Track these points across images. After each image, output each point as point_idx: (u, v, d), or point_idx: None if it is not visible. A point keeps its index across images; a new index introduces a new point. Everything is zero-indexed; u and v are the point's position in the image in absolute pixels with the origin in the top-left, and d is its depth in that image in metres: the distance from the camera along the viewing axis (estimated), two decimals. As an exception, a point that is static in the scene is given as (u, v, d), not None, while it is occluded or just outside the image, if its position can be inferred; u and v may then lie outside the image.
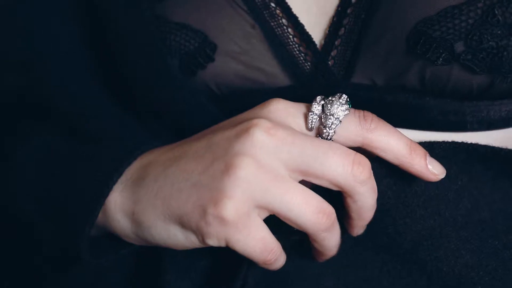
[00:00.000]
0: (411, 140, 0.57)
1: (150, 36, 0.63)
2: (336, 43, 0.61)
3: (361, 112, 0.57)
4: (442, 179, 0.57)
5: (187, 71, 0.63)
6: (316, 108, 0.56)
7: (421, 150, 0.56)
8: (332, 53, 0.61)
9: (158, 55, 0.63)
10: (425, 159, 0.56)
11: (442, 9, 0.57)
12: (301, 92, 0.62)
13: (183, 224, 0.55)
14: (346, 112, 0.56)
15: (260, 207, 0.54)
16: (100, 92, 0.70)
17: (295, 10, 0.62)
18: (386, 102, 0.60)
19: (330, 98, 0.56)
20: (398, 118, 0.60)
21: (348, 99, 0.56)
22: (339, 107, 0.56)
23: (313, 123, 0.56)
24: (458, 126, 0.60)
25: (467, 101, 0.59)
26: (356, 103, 0.58)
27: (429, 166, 0.56)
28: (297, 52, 0.62)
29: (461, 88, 0.59)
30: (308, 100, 0.58)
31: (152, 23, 0.63)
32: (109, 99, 0.70)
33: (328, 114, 0.56)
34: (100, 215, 0.58)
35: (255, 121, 0.54)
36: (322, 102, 0.56)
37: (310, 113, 0.56)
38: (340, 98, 0.56)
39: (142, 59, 0.64)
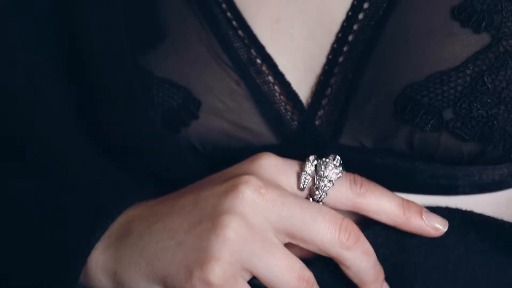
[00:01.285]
0: (404, 199, 0.55)
1: (132, 90, 0.62)
2: (323, 102, 0.59)
3: (352, 175, 0.55)
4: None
5: (170, 127, 0.62)
6: (309, 168, 0.55)
7: (416, 208, 0.55)
8: (319, 113, 0.60)
9: (140, 109, 0.62)
10: (421, 216, 0.55)
11: (430, 74, 0.55)
12: (288, 151, 0.60)
13: (167, 285, 0.54)
14: (340, 175, 0.55)
15: (245, 269, 0.53)
16: (83, 138, 0.68)
17: (281, 67, 0.60)
18: (375, 165, 0.59)
19: (324, 159, 0.55)
20: (388, 181, 0.58)
21: (341, 162, 0.55)
22: (333, 170, 0.55)
23: (306, 183, 0.55)
24: (449, 190, 0.58)
25: (459, 165, 0.57)
26: (344, 165, 0.56)
27: (428, 222, 0.55)
28: (284, 110, 0.60)
29: (451, 154, 0.57)
30: (295, 158, 0.56)
31: (135, 76, 0.62)
32: (91, 145, 0.68)
33: (322, 175, 0.54)
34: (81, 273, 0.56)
35: (245, 178, 0.53)
36: (315, 162, 0.55)
37: (303, 173, 0.55)
38: (334, 160, 0.55)
39: (124, 112, 0.63)
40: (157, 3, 0.63)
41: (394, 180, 0.58)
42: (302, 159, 0.56)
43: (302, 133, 0.60)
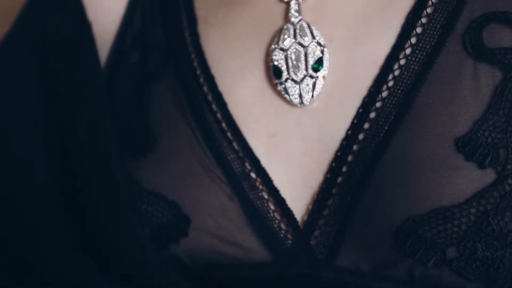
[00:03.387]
0: None
1: (120, 202, 0.59)
2: (320, 222, 0.57)
3: None
4: None
5: (158, 244, 0.59)
6: None
7: None
8: (315, 233, 0.57)
9: (128, 223, 0.59)
10: None
11: (433, 208, 0.53)
12: (281, 269, 0.58)
13: None
14: None
15: None
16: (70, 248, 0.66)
17: (276, 181, 0.58)
18: None
19: None
20: None
21: None
22: None
23: None
24: None
25: None
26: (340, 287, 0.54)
27: None
28: (277, 227, 0.58)
29: None
30: (288, 277, 0.54)
31: (123, 186, 0.59)
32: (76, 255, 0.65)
33: None
34: None
35: None
36: None
37: None
38: None
39: (111, 225, 0.60)
40: (149, 108, 0.61)
41: None
42: (295, 278, 0.54)
43: (296, 252, 0.58)
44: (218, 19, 0.63)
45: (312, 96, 0.58)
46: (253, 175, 0.58)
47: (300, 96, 0.58)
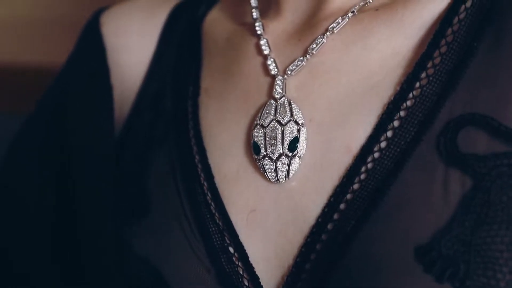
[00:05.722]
0: None
1: (108, 264, 0.63)
2: None
3: None
4: None
5: None
6: None
7: None
8: None
9: (109, 281, 0.63)
10: None
11: None
12: None
13: None
14: None
15: None
16: None
17: (253, 257, 0.59)
18: None
19: None
20: None
21: None
22: None
23: None
24: None
25: None
26: None
27: None
28: None
29: None
30: None
31: (111, 247, 0.62)
32: None
33: None
34: None
35: None
36: None
37: None
38: None
39: (93, 278, 0.64)
40: (149, 173, 0.63)
41: None
42: None
43: None
44: (217, 90, 0.64)
45: (288, 175, 0.58)
46: (231, 249, 0.59)
47: (276, 174, 0.58)
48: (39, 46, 1.20)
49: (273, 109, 0.60)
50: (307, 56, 0.60)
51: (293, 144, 0.58)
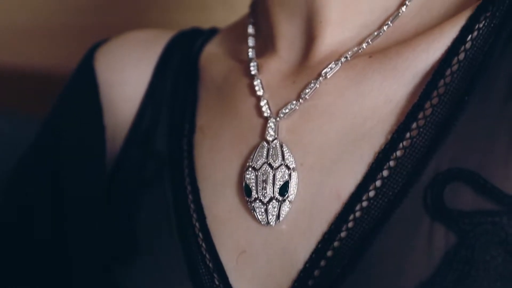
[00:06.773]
0: None
1: None
2: None
3: None
4: None
5: None
6: None
7: None
8: None
9: None
10: None
11: None
12: None
13: None
14: None
15: None
16: None
17: None
18: None
19: None
20: None
21: None
22: None
23: None
24: None
25: None
26: None
27: None
28: None
29: None
30: None
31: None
32: None
33: None
34: None
35: None
36: None
37: None
38: None
39: None
40: (140, 215, 0.64)
41: None
42: None
43: None
44: (212, 129, 0.65)
45: (278, 218, 0.59)
46: (217, 283, 0.60)
47: (267, 216, 0.59)
48: (42, 51, 1.21)
49: (265, 152, 0.60)
50: (300, 100, 0.61)
51: (284, 189, 0.59)
